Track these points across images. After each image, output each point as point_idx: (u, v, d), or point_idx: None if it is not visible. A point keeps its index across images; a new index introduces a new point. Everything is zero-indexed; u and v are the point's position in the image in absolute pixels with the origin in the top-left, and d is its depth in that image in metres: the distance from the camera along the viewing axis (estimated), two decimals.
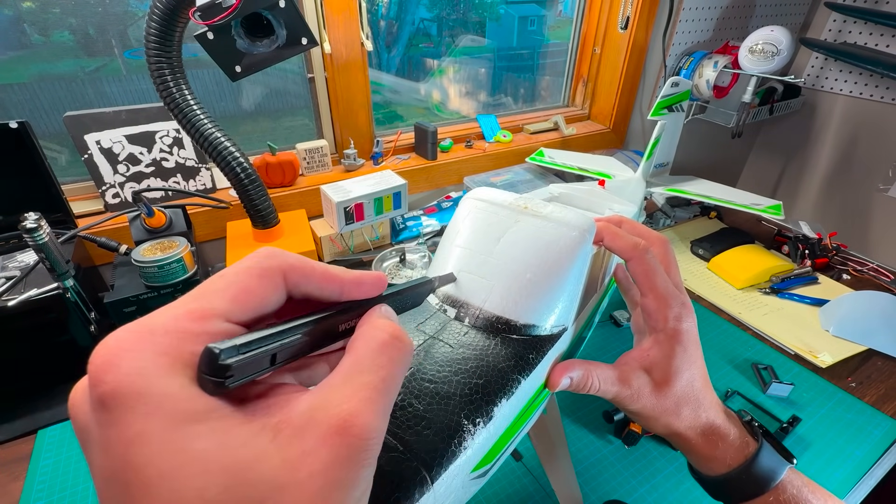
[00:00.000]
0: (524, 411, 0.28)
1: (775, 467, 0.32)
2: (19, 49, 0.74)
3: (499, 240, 0.31)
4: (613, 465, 0.54)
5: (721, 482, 0.32)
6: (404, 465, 0.21)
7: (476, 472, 0.25)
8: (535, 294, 0.29)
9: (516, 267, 0.29)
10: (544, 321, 0.29)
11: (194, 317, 0.15)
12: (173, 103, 0.63)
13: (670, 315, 0.32)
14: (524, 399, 0.28)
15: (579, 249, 0.30)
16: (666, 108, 0.93)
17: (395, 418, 0.22)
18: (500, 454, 0.27)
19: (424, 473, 0.21)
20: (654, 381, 0.32)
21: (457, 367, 0.26)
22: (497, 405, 0.25)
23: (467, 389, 0.24)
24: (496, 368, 0.26)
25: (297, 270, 0.18)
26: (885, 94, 1.36)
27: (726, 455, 0.32)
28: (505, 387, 0.26)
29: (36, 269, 0.60)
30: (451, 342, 0.27)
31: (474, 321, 0.29)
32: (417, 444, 0.21)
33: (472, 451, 0.23)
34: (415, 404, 0.23)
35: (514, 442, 0.29)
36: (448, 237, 0.33)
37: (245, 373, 0.14)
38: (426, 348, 0.27)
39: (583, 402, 0.62)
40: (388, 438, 0.21)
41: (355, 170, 1.00)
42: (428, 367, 0.25)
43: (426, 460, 0.21)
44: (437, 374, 0.25)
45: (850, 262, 0.94)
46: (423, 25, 1.11)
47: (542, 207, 0.31)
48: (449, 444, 0.22)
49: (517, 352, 0.28)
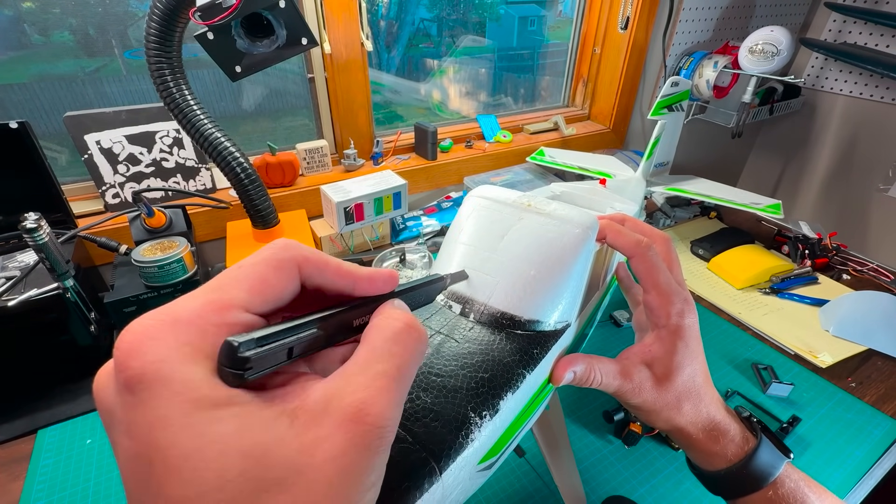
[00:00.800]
0: (528, 405, 0.29)
1: (774, 462, 0.32)
2: (19, 49, 0.74)
3: (503, 237, 0.31)
4: (613, 464, 0.54)
5: (721, 477, 0.33)
6: (414, 455, 0.21)
7: (482, 464, 0.25)
8: (539, 290, 0.29)
9: (520, 264, 0.30)
10: (548, 317, 0.30)
11: (215, 307, 0.15)
12: (173, 103, 0.63)
13: (673, 311, 0.32)
14: (529, 393, 0.28)
15: (582, 246, 0.30)
16: (666, 108, 0.93)
17: (405, 410, 0.23)
18: (506, 447, 0.28)
19: (433, 464, 0.21)
20: (656, 375, 0.32)
21: (463, 362, 0.26)
22: (503, 399, 0.25)
23: (473, 383, 0.25)
24: (501, 363, 0.27)
25: (312, 263, 0.18)
26: (885, 94, 1.36)
27: (727, 451, 0.32)
28: (510, 381, 0.26)
29: (36, 269, 0.60)
30: (457, 337, 0.28)
31: (479, 317, 0.29)
32: (426, 436, 0.22)
33: (478, 443, 0.23)
34: (423, 397, 0.24)
35: (518, 436, 0.30)
36: (452, 235, 0.34)
37: (263, 365, 0.15)
38: (432, 343, 0.27)
39: (583, 402, 0.62)
40: (398, 430, 0.22)
41: (355, 170, 1.00)
42: (435, 361, 0.26)
43: (435, 451, 0.21)
44: (444, 369, 0.25)
45: (850, 262, 0.94)
46: (424, 25, 1.11)
47: (545, 205, 0.32)
48: (457, 435, 0.23)
49: (522, 347, 0.28)
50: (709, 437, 0.33)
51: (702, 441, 0.33)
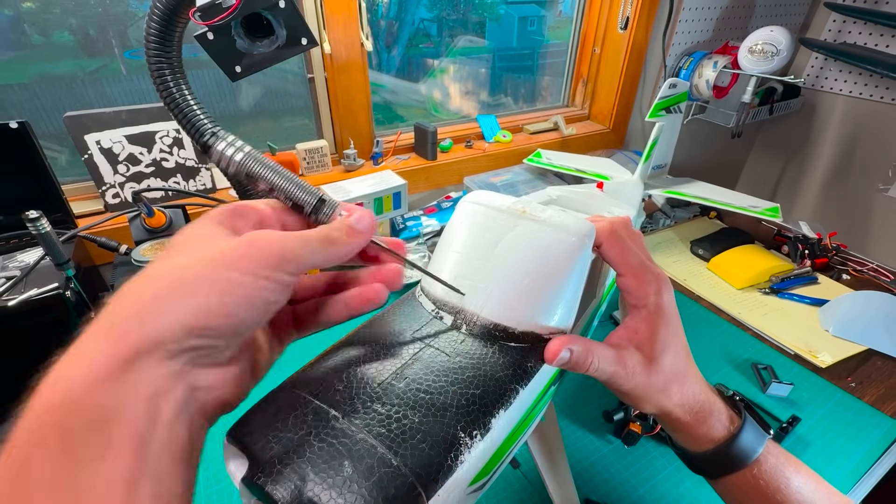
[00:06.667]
0: (522, 421, 0.28)
1: (757, 440, 0.33)
2: (19, 49, 0.74)
3: (496, 245, 0.30)
4: (613, 464, 0.54)
5: (707, 458, 0.33)
6: (399, 480, 0.20)
7: (473, 485, 0.24)
8: (534, 300, 0.28)
9: (514, 273, 0.29)
10: (543, 328, 0.29)
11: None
12: (173, 103, 0.63)
13: (650, 290, 0.31)
14: (523, 409, 0.27)
15: (578, 254, 0.29)
16: (664, 110, 0.93)
17: (390, 431, 0.22)
18: (498, 465, 0.27)
19: (420, 490, 0.20)
20: (646, 359, 0.32)
21: (453, 377, 0.25)
22: (495, 416, 0.24)
23: (464, 400, 0.24)
24: (494, 378, 0.25)
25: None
26: (884, 94, 1.36)
27: (712, 432, 0.33)
28: (503, 397, 0.25)
29: (36, 269, 0.60)
30: (447, 350, 0.27)
31: (471, 328, 0.28)
32: (412, 459, 0.21)
33: (469, 464, 0.22)
34: (410, 416, 0.23)
35: (511, 452, 0.29)
36: (444, 242, 0.32)
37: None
38: (421, 357, 0.26)
39: (582, 402, 0.62)
40: (382, 452, 0.21)
41: (355, 170, 1.00)
42: (423, 376, 0.25)
43: (421, 476, 0.20)
44: (433, 385, 0.24)
45: (850, 262, 0.94)
46: (423, 25, 1.11)
47: (540, 212, 0.31)
48: (445, 458, 0.21)
49: (515, 360, 0.27)
50: (696, 418, 0.33)
51: (689, 423, 0.33)
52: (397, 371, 0.25)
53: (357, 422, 0.22)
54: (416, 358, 0.26)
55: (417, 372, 0.25)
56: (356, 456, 0.21)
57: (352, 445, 0.21)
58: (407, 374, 0.25)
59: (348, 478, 0.20)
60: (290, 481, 0.20)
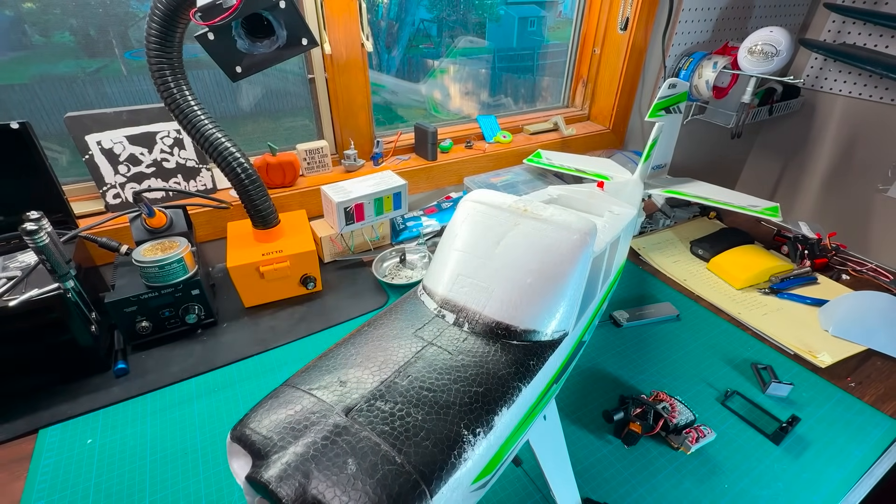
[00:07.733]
0: (525, 419, 0.28)
1: None
2: (20, 50, 0.74)
3: (498, 243, 0.30)
4: (613, 464, 0.54)
5: None
6: (403, 478, 0.20)
7: (476, 483, 0.24)
8: (536, 298, 0.28)
9: (516, 271, 0.29)
10: (545, 326, 0.29)
11: None
12: (174, 104, 0.63)
13: None
14: (525, 407, 0.27)
15: (581, 253, 0.29)
16: (663, 110, 0.93)
17: (393, 428, 0.22)
18: (501, 463, 0.27)
19: (423, 487, 0.20)
20: None
21: (456, 375, 0.25)
22: (497, 414, 0.24)
23: (467, 398, 0.24)
24: (496, 376, 0.26)
25: None
26: (884, 94, 1.36)
27: None
28: (505, 395, 0.25)
29: (37, 269, 0.60)
30: (450, 349, 0.27)
31: (474, 327, 0.28)
32: (416, 457, 0.21)
33: (472, 462, 0.22)
34: (413, 413, 0.23)
35: (514, 450, 0.29)
36: (446, 241, 0.33)
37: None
38: (424, 355, 0.26)
39: (582, 402, 0.62)
40: (386, 450, 0.21)
41: (355, 170, 1.00)
42: (426, 374, 0.25)
43: (425, 473, 0.21)
44: (436, 383, 0.24)
45: (850, 263, 0.94)
46: (424, 26, 1.11)
47: (542, 210, 0.31)
48: (448, 455, 0.22)
49: (518, 358, 0.27)
50: None
51: None
52: (400, 369, 0.25)
53: (360, 419, 0.22)
54: (418, 356, 0.26)
55: (420, 370, 0.25)
56: (360, 453, 0.21)
57: (355, 443, 0.21)
58: (410, 372, 0.25)
59: (352, 475, 0.20)
60: (294, 479, 0.20)
